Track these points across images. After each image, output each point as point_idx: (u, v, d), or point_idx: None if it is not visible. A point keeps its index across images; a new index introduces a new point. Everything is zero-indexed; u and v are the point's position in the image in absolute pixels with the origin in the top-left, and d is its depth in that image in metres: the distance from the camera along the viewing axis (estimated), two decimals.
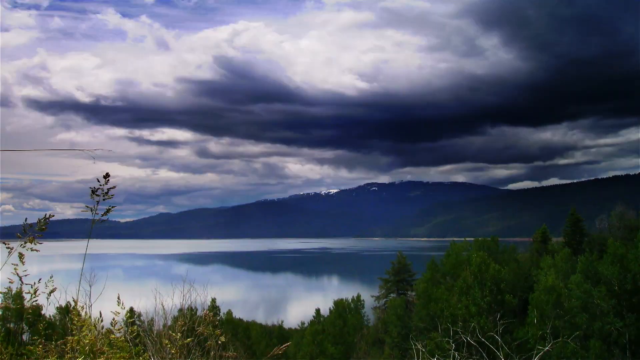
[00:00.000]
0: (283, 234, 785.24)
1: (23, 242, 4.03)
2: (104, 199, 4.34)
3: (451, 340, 6.53)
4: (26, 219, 4.05)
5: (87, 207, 4.32)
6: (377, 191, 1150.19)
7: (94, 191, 4.31)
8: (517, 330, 29.73)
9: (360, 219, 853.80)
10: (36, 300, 4.26)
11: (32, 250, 4.06)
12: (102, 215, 4.38)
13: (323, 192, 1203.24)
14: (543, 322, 27.18)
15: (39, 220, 4.09)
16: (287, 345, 4.62)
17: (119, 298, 4.99)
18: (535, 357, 5.84)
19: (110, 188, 4.36)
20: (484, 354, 6.36)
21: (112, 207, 4.40)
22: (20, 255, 4.04)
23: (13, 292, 30.09)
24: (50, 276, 4.51)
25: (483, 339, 6.41)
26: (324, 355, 36.48)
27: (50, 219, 4.12)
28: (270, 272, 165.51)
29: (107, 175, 4.33)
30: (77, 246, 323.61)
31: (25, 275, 4.10)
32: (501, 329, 6.50)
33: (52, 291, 4.36)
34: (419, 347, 6.53)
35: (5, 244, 4.03)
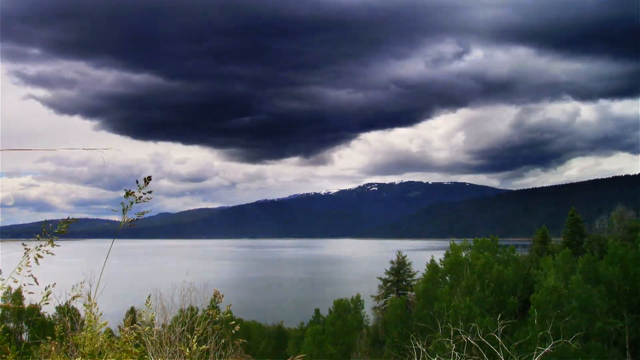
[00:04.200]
0: (283, 234, 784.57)
1: (39, 245, 3.91)
2: (137, 202, 4.11)
3: (451, 340, 6.53)
4: (45, 220, 3.94)
5: (118, 206, 4.11)
6: (377, 191, 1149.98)
7: (128, 193, 4.06)
8: (518, 330, 29.71)
9: (360, 219, 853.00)
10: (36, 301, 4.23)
11: (47, 252, 3.93)
12: (132, 220, 4.12)
13: (323, 192, 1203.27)
14: (544, 322, 27.17)
15: (60, 222, 3.97)
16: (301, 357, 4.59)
17: (148, 298, 4.93)
18: (536, 357, 5.84)
19: (148, 192, 4.09)
20: (485, 354, 6.36)
21: (143, 212, 4.16)
22: (38, 257, 3.92)
23: (13, 291, 30.04)
24: (49, 281, 4.43)
25: (483, 339, 6.41)
26: (324, 355, 36.49)
27: (71, 223, 4.00)
28: (270, 271, 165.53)
29: (148, 179, 4.08)
30: (75, 246, 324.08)
31: (19, 274, 4.00)
32: (501, 330, 6.49)
33: (48, 292, 4.28)
34: (419, 347, 6.53)
35: (24, 245, 3.96)
